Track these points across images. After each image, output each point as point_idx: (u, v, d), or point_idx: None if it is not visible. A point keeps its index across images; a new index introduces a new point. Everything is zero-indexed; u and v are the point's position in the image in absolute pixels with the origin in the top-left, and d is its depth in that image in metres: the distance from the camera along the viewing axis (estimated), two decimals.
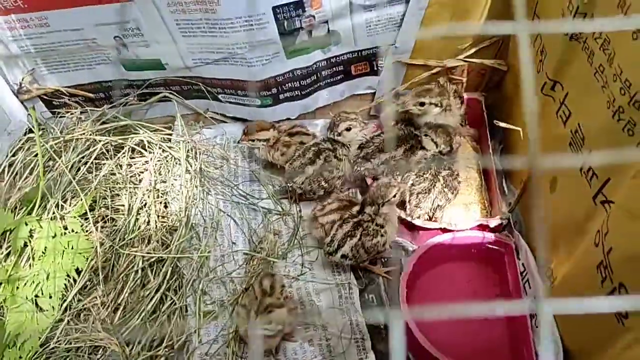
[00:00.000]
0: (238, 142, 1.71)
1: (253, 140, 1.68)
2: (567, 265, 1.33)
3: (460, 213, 1.65)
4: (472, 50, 1.64)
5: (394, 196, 1.46)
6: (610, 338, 1.12)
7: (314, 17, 1.51)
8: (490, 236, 1.55)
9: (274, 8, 1.47)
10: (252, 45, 1.54)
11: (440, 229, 1.56)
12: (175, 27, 1.52)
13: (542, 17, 1.41)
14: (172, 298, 1.46)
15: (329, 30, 1.57)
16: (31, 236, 1.56)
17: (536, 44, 1.44)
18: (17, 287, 1.50)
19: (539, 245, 1.41)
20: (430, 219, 1.57)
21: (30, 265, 1.54)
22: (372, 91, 1.78)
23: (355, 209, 1.53)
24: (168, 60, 1.63)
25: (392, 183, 1.47)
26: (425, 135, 1.59)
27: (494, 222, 1.54)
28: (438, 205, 1.54)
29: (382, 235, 1.48)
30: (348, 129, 1.63)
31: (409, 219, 1.55)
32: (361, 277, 1.58)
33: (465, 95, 1.71)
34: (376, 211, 1.47)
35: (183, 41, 1.56)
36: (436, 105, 1.57)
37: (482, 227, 1.56)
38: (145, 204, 1.61)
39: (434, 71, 1.68)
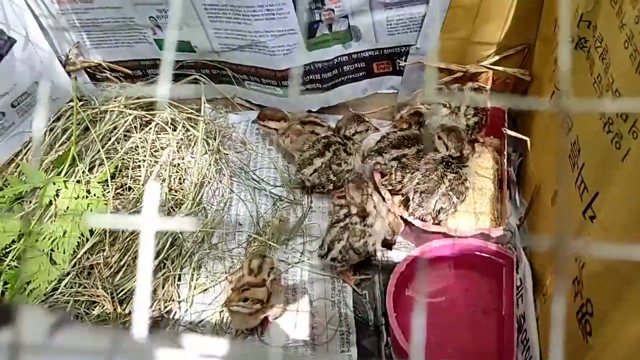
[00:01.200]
0: (254, 122, 1.77)
1: (264, 126, 1.73)
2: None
3: (470, 221, 1.63)
4: (496, 58, 1.61)
5: (369, 196, 1.47)
6: (579, 354, 1.08)
7: (333, 10, 1.54)
8: (492, 247, 1.52)
9: None
10: (274, 34, 1.59)
11: (442, 233, 1.55)
12: (203, 11, 1.59)
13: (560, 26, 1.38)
14: (168, 266, 1.53)
15: (349, 25, 1.59)
16: (57, 195, 1.68)
17: (554, 52, 1.41)
18: (37, 240, 1.61)
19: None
20: (433, 221, 1.56)
21: (52, 221, 1.65)
22: (395, 91, 1.78)
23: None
24: (197, 44, 1.71)
25: (357, 188, 1.48)
26: (438, 137, 1.58)
27: (496, 233, 1.51)
28: (441, 208, 1.52)
29: (370, 235, 1.47)
30: (360, 132, 1.65)
31: (410, 218, 1.54)
32: (357, 273, 1.59)
33: (488, 104, 1.68)
34: (364, 213, 1.48)
35: (210, 25, 1.63)
36: (444, 105, 1.56)
37: (485, 237, 1.53)
38: (160, 176, 1.69)
39: (456, 75, 1.66)
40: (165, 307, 1.48)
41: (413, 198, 1.55)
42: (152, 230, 0.40)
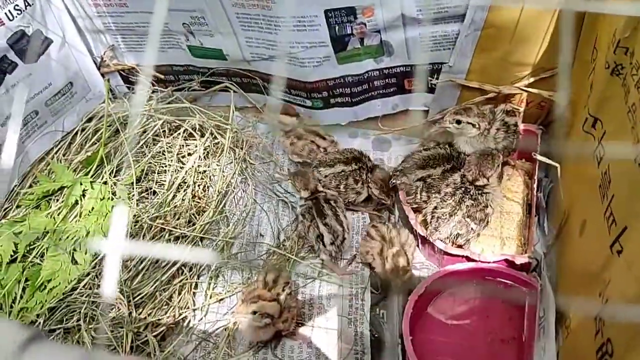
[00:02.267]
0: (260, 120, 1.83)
1: (273, 119, 1.75)
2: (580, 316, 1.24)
3: (495, 246, 1.58)
4: (532, 80, 1.57)
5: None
6: None
7: (365, 24, 1.52)
8: (516, 274, 1.47)
9: (326, 11, 1.50)
10: (304, 46, 1.58)
11: (464, 256, 1.51)
12: (236, 20, 1.59)
13: (599, 51, 1.33)
14: (185, 274, 1.53)
15: (381, 40, 1.57)
16: (83, 195, 1.70)
17: (590, 77, 1.36)
18: (60, 239, 1.63)
19: None
20: (452, 244, 1.52)
21: (76, 221, 1.67)
22: (426, 109, 1.75)
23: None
24: (229, 52, 1.71)
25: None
26: (468, 161, 1.54)
27: (520, 260, 1.46)
28: (458, 234, 1.48)
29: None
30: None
31: (430, 239, 1.51)
32: (377, 292, 1.56)
33: (521, 127, 1.63)
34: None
35: (242, 34, 1.63)
36: (473, 125, 1.51)
37: (509, 263, 1.48)
38: (185, 182, 1.69)
39: (489, 96, 1.62)
40: (180, 314, 1.48)
41: (430, 222, 1.51)
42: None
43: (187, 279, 1.53)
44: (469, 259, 1.51)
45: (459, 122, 1.52)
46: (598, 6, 1.11)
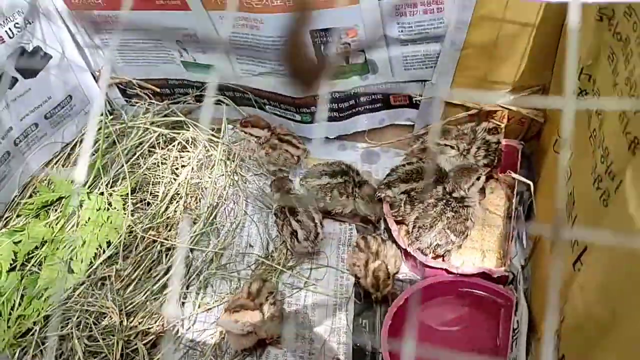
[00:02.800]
0: (234, 128, 1.87)
1: (245, 132, 1.81)
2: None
3: (475, 258, 1.63)
4: (511, 98, 1.61)
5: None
6: None
7: (349, 44, 1.57)
8: (493, 286, 1.52)
9: (311, 32, 1.55)
10: None
11: (444, 269, 1.56)
12: (227, 38, 1.65)
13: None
14: (175, 284, 1.59)
15: (366, 59, 1.62)
16: (80, 206, 1.76)
17: None
18: (57, 248, 1.70)
19: None
20: (435, 255, 1.57)
21: (73, 231, 1.74)
22: (412, 123, 1.79)
23: None
24: (221, 68, 1.76)
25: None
26: (448, 174, 1.59)
27: (497, 273, 1.51)
28: (437, 244, 1.54)
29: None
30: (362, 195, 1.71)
31: (409, 249, 1.56)
32: (360, 302, 1.61)
33: (503, 142, 1.67)
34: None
35: (233, 51, 1.69)
36: (452, 147, 1.57)
37: (486, 276, 1.53)
38: (179, 194, 1.76)
39: (471, 112, 1.67)
40: (169, 323, 1.54)
41: (412, 231, 1.57)
42: None
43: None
44: (448, 272, 1.55)
45: (437, 144, 1.58)
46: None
